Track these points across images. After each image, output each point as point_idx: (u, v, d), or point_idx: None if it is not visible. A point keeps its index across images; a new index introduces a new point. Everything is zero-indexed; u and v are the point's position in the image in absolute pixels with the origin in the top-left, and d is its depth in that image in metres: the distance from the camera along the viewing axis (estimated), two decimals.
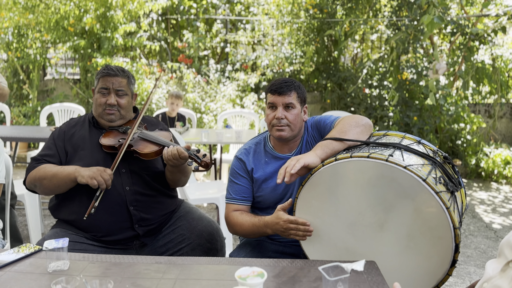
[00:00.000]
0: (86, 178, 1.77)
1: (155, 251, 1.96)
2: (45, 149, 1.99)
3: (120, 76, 2.01)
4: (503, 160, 5.61)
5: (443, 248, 1.41)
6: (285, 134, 1.78)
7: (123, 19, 6.31)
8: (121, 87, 2.00)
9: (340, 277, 1.16)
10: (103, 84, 2.00)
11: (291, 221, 1.57)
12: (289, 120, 1.77)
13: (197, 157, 1.87)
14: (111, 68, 2.02)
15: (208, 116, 6.24)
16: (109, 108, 2.00)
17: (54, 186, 1.86)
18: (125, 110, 2.04)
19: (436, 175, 1.46)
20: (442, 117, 5.81)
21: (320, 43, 6.60)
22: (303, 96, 1.83)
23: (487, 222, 4.12)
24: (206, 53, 7.25)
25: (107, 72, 2.00)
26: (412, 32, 5.15)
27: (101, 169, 1.80)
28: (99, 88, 2.00)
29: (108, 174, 1.79)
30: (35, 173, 1.89)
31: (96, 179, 1.76)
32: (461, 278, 2.97)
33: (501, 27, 5.17)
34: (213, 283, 1.33)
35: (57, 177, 1.83)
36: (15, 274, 1.36)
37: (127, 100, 2.04)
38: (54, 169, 1.86)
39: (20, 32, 6.33)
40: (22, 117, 6.30)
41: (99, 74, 2.03)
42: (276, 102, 1.78)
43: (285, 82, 1.79)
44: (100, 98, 2.00)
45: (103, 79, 2.00)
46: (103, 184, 1.77)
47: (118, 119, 2.04)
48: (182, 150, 1.84)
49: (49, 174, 1.85)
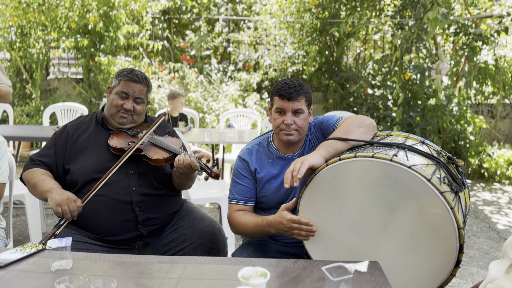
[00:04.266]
0: (53, 203, 1.72)
1: (157, 251, 1.96)
2: (44, 149, 2.01)
3: (142, 83, 2.01)
4: (506, 160, 5.59)
5: (448, 248, 1.40)
6: (293, 138, 1.78)
7: (126, 18, 6.31)
8: (141, 95, 2.01)
9: (343, 278, 1.15)
10: (124, 88, 1.98)
11: (294, 220, 1.56)
12: (298, 125, 1.76)
13: (207, 167, 1.88)
14: (136, 75, 2.01)
15: (211, 116, 6.24)
16: (124, 112, 2.00)
17: (34, 194, 1.92)
18: (138, 116, 2.05)
19: (440, 175, 1.45)
20: (445, 117, 5.79)
21: (322, 43, 6.59)
22: (311, 98, 1.82)
23: (490, 223, 4.11)
24: (209, 53, 7.25)
25: (131, 77, 1.99)
26: (415, 31, 5.13)
27: (72, 199, 1.74)
28: (119, 91, 1.98)
29: (76, 206, 1.72)
30: (25, 174, 1.95)
31: (62, 207, 1.70)
32: (463, 279, 2.96)
33: (504, 28, 5.16)
34: (216, 282, 1.32)
35: (35, 189, 1.88)
36: (18, 273, 1.36)
37: (142, 107, 2.05)
38: (37, 179, 1.88)
39: (23, 32, 6.35)
40: (25, 117, 6.31)
41: (122, 76, 2.00)
42: (285, 108, 1.75)
43: (294, 86, 1.76)
44: (117, 100, 1.99)
45: (126, 83, 1.99)
46: (68, 214, 1.71)
47: (129, 123, 2.04)
48: (194, 160, 1.84)
49: (32, 182, 1.89)
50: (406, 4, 5.67)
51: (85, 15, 6.13)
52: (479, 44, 5.52)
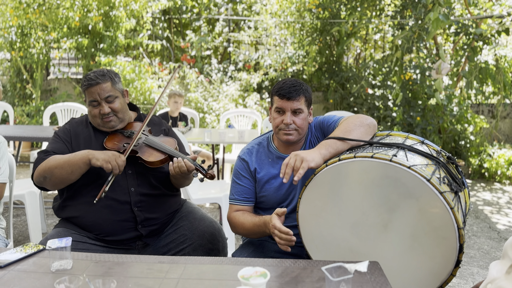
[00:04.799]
0: (101, 161, 1.76)
1: (157, 251, 1.96)
2: (52, 143, 1.97)
3: (102, 82, 1.93)
4: (506, 160, 5.58)
5: (447, 249, 1.40)
6: (292, 138, 1.78)
7: (126, 18, 6.32)
8: (108, 93, 1.93)
9: (343, 278, 1.15)
10: (90, 97, 1.94)
11: (276, 227, 1.56)
12: (297, 125, 1.76)
13: (202, 168, 1.88)
14: (90, 78, 1.93)
15: (211, 116, 6.24)
16: (106, 116, 1.96)
17: (67, 173, 1.80)
18: (121, 112, 2.00)
19: (440, 175, 1.45)
20: (445, 117, 5.79)
21: (323, 43, 6.59)
22: (310, 99, 1.82)
23: (490, 223, 4.11)
24: (209, 53, 7.25)
25: (88, 83, 1.93)
26: (416, 31, 5.13)
27: (116, 154, 1.79)
28: (89, 101, 1.95)
29: (122, 160, 1.79)
30: (45, 163, 1.84)
31: (111, 163, 1.76)
32: (464, 279, 2.96)
33: (505, 29, 5.15)
34: (215, 283, 1.32)
35: (69, 163, 1.80)
36: (18, 273, 1.36)
37: (119, 102, 1.98)
38: (65, 156, 1.84)
39: (23, 32, 6.35)
40: (25, 117, 6.31)
41: (83, 87, 1.96)
42: (285, 107, 1.75)
43: (293, 86, 1.75)
44: (93, 110, 1.95)
45: (88, 91, 1.94)
46: (117, 169, 1.76)
47: (119, 123, 2.01)
48: (189, 163, 1.84)
49: (61, 162, 1.81)
50: (407, 4, 5.67)
51: (85, 15, 6.13)
52: (479, 44, 5.52)
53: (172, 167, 1.85)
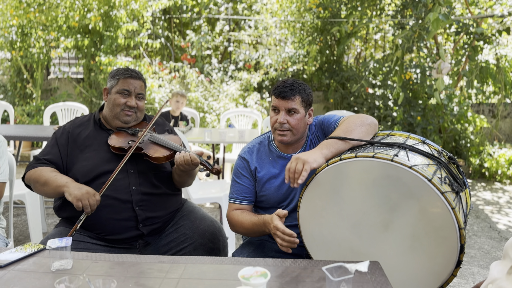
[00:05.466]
0: (72, 197, 1.73)
1: (157, 250, 1.96)
2: (47, 148, 1.99)
3: (141, 79, 2.04)
4: (506, 160, 5.58)
5: (448, 249, 1.40)
6: (286, 138, 1.78)
7: (126, 18, 6.31)
8: (141, 91, 2.03)
9: (343, 278, 1.15)
10: (124, 85, 1.99)
11: (278, 228, 1.55)
12: (291, 125, 1.76)
13: (208, 163, 1.89)
14: (133, 71, 2.02)
15: (211, 116, 6.24)
16: (128, 109, 2.00)
17: (43, 192, 1.88)
18: (141, 112, 2.07)
19: (441, 175, 1.45)
20: (445, 117, 5.79)
21: (323, 43, 6.58)
22: (308, 100, 1.80)
23: (491, 223, 4.10)
24: (209, 53, 7.25)
25: (130, 74, 2.00)
26: (417, 31, 5.12)
27: (91, 193, 1.75)
28: (121, 89, 1.98)
29: (95, 200, 1.75)
30: (32, 173, 1.89)
31: (82, 202, 1.72)
32: (464, 279, 2.96)
33: (506, 28, 5.15)
34: (216, 282, 1.32)
35: (47, 185, 1.83)
36: (19, 273, 1.36)
37: (143, 103, 2.07)
38: (47, 176, 1.84)
39: (23, 31, 6.35)
40: (26, 116, 6.31)
41: (120, 75, 2.01)
42: (279, 106, 1.76)
43: (289, 85, 1.76)
44: (120, 99, 1.99)
45: (125, 80, 1.99)
46: (88, 208, 1.73)
47: (133, 121, 2.05)
48: (195, 156, 1.85)
49: (42, 180, 1.84)
50: (407, 3, 5.67)
51: (86, 15, 6.13)
52: (480, 43, 5.51)
53: (177, 157, 1.87)
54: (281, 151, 1.86)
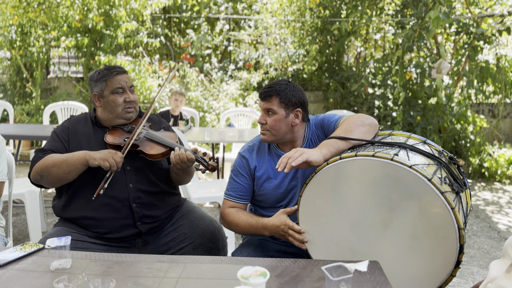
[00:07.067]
0: (98, 160, 1.78)
1: (157, 250, 1.95)
2: (50, 141, 1.97)
3: (125, 72, 2.02)
4: (506, 160, 5.58)
5: (448, 249, 1.40)
6: (266, 138, 1.81)
7: (126, 17, 6.31)
8: (131, 83, 2.02)
9: (343, 277, 1.15)
10: (116, 84, 1.96)
11: (290, 227, 1.60)
12: (269, 125, 1.78)
13: (204, 160, 1.88)
14: (116, 67, 2.00)
15: (211, 115, 6.23)
16: (129, 106, 1.99)
17: (64, 172, 1.82)
18: (137, 105, 2.06)
19: (441, 175, 1.45)
20: (445, 117, 5.79)
21: (323, 42, 6.58)
22: (291, 100, 1.77)
23: (491, 223, 4.10)
24: (209, 52, 7.24)
25: (116, 71, 1.98)
26: (417, 30, 5.12)
27: (112, 152, 1.81)
28: (115, 89, 1.95)
29: (119, 157, 1.80)
30: (42, 162, 1.85)
31: (108, 161, 1.77)
32: (464, 278, 2.96)
33: (506, 28, 5.15)
34: (215, 282, 1.32)
35: (67, 163, 1.81)
36: (18, 272, 1.36)
37: (136, 95, 2.05)
38: (63, 156, 1.85)
39: (23, 30, 6.34)
40: (25, 115, 6.31)
41: (106, 76, 1.96)
42: (261, 107, 1.81)
43: (269, 87, 1.79)
44: (118, 98, 1.96)
45: (114, 79, 1.96)
46: (114, 166, 1.78)
47: (135, 115, 2.05)
48: (190, 153, 1.84)
49: (59, 161, 1.82)
50: (408, 2, 5.66)
51: (86, 14, 6.12)
52: (480, 43, 5.51)
53: (173, 156, 1.86)
54: (281, 150, 1.86)
